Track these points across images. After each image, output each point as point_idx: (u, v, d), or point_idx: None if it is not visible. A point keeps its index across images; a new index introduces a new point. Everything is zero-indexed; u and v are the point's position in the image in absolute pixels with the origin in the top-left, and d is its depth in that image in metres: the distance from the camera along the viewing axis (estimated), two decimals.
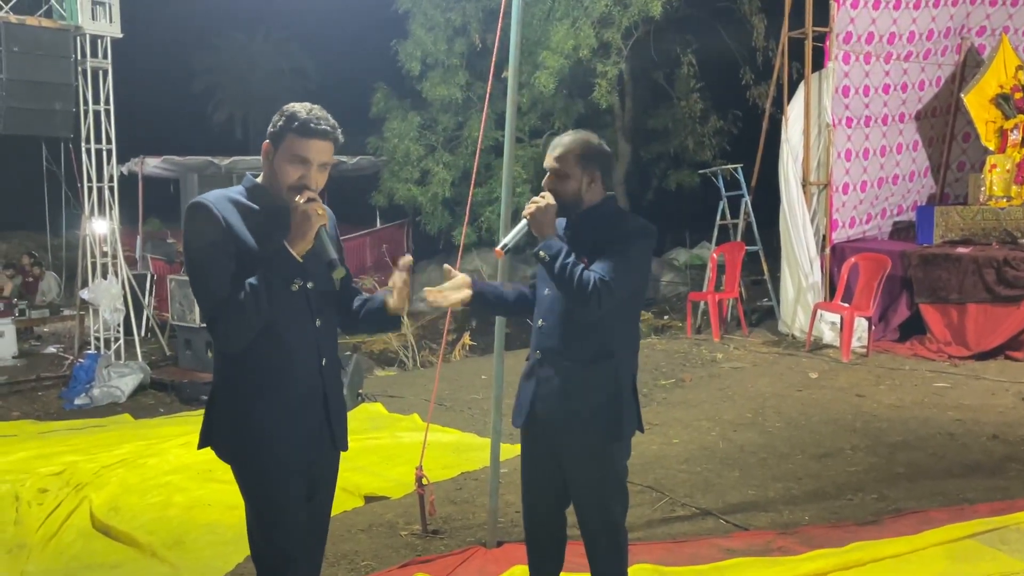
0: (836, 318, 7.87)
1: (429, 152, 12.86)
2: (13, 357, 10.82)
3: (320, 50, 24.98)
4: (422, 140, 12.86)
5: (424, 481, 3.82)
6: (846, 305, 7.70)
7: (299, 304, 2.23)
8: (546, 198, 2.57)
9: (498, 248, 2.55)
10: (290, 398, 2.24)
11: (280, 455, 2.22)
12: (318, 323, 2.29)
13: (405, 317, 10.39)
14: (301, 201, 2.17)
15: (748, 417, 5.84)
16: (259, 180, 2.30)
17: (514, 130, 3.57)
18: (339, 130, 2.25)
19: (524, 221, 2.55)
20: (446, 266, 2.47)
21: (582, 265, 2.48)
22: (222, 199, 2.21)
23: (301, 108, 2.22)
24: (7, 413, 8.08)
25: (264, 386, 2.21)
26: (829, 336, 7.99)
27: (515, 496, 4.01)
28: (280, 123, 2.22)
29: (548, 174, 2.66)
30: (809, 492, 4.37)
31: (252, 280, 2.12)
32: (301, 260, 2.17)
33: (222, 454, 2.28)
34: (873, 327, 7.70)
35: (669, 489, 4.43)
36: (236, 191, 2.27)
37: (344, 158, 13.90)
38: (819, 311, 7.95)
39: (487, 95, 3.88)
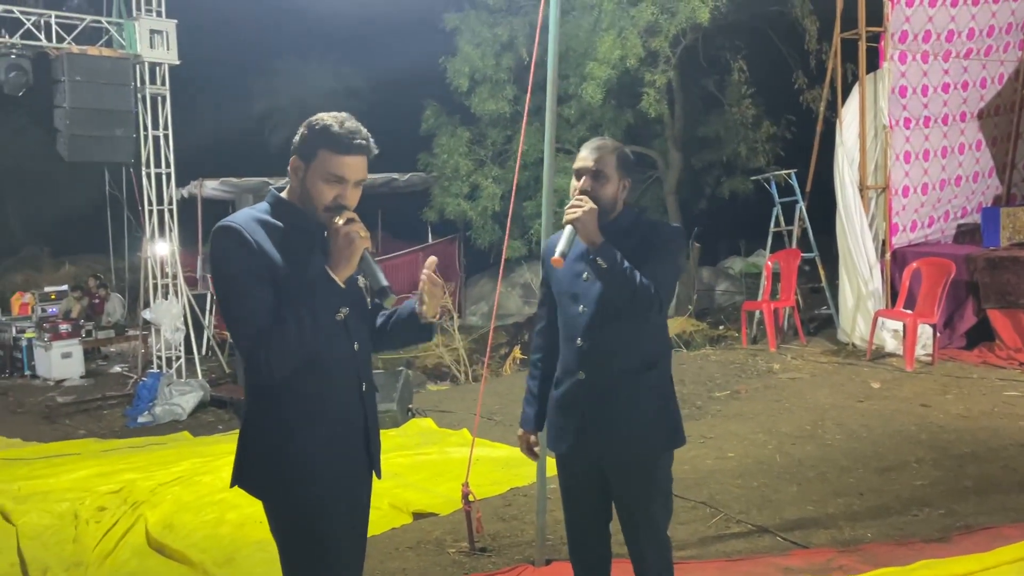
0: (898, 326, 7.61)
1: (478, 167, 12.92)
2: (81, 377, 11.18)
3: (372, 70, 25.37)
4: (471, 155, 12.92)
5: (471, 498, 3.78)
6: (909, 312, 7.44)
7: (338, 329, 2.10)
8: (587, 202, 2.49)
9: (556, 256, 2.44)
10: (331, 428, 2.12)
11: (323, 489, 2.10)
12: (356, 347, 2.18)
13: (456, 332, 10.45)
14: (341, 222, 2.03)
15: (806, 429, 5.66)
16: (285, 195, 2.15)
17: (553, 142, 3.54)
18: (372, 141, 2.10)
19: (570, 228, 2.46)
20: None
21: (638, 272, 2.43)
22: (250, 220, 2.05)
23: (332, 120, 2.07)
24: (74, 431, 8.32)
25: (304, 417, 2.08)
26: (891, 344, 7.72)
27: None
28: (311, 137, 2.07)
29: (583, 179, 2.56)
30: (872, 508, 4.21)
31: (295, 309, 1.98)
32: (344, 286, 2.04)
33: (257, 490, 2.14)
34: (938, 334, 7.42)
35: (723, 505, 4.31)
36: (261, 209, 2.12)
37: (396, 175, 14.06)
38: (880, 319, 7.70)
39: (526, 110, 3.86)
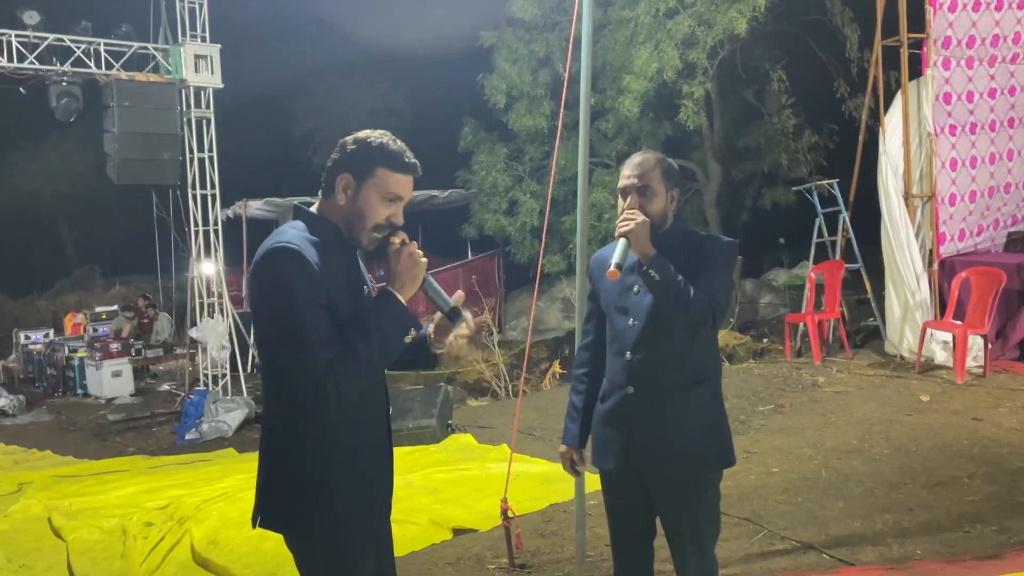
0: (948, 337, 7.42)
1: (517, 182, 12.97)
2: (131, 395, 11.43)
3: (411, 89, 25.76)
4: (509, 171, 12.98)
5: (510, 514, 3.77)
6: (958, 323, 7.26)
7: (381, 366, 2.03)
8: (639, 214, 2.45)
9: (612, 268, 2.39)
10: (368, 456, 2.06)
11: (365, 520, 2.05)
12: (385, 369, 2.12)
13: (496, 347, 10.46)
14: (398, 243, 2.01)
15: (853, 444, 5.55)
16: (318, 211, 2.07)
17: (587, 157, 3.54)
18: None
19: (623, 240, 2.43)
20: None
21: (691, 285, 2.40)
22: (304, 241, 1.94)
23: (387, 139, 2.04)
24: (123, 449, 8.50)
25: (345, 447, 2.00)
26: (941, 356, 7.53)
27: (604, 528, 3.91)
28: (366, 154, 2.01)
29: (630, 195, 2.52)
30: (921, 524, 4.10)
31: (363, 333, 1.91)
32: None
33: (295, 529, 2.03)
34: (990, 345, 7.22)
35: (768, 521, 4.24)
36: (301, 228, 2.01)
37: (435, 192, 14.18)
38: (929, 330, 7.52)
39: (559, 125, 3.87)
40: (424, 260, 2.02)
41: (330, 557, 2.02)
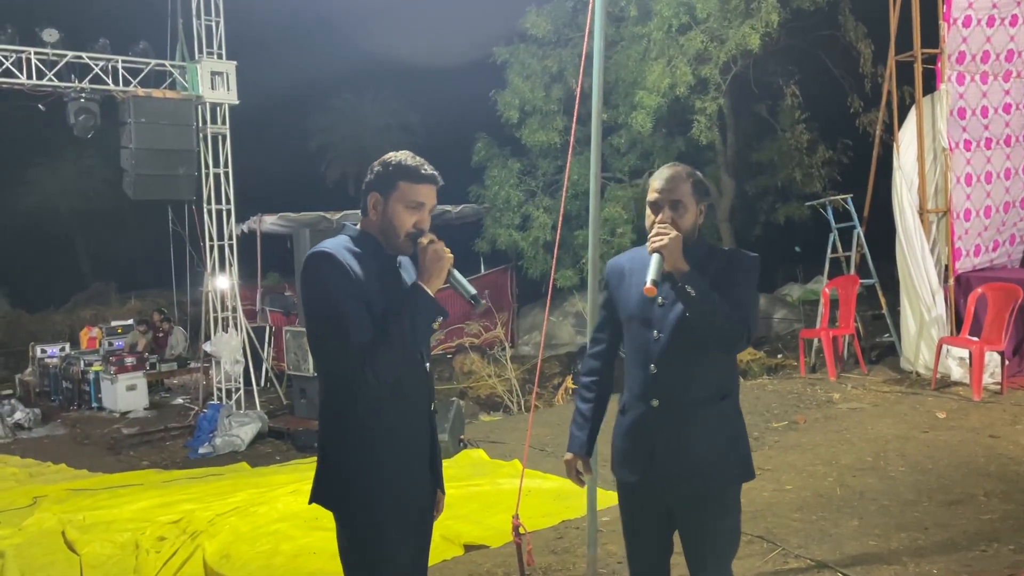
0: (964, 353, 7.36)
1: (529, 197, 12.99)
2: (144, 409, 11.46)
3: (424, 105, 25.93)
4: (522, 186, 13.01)
5: (521, 530, 3.75)
6: (975, 339, 7.20)
7: (416, 353, 2.27)
8: (671, 229, 2.43)
9: (648, 286, 2.37)
10: (407, 446, 2.27)
11: (400, 506, 2.25)
12: (427, 366, 2.36)
13: (508, 362, 10.46)
14: (426, 242, 2.25)
15: (868, 461, 5.50)
16: (360, 227, 2.34)
17: (599, 172, 3.55)
18: (438, 173, 2.35)
19: (657, 256, 2.40)
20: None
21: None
22: (340, 248, 2.22)
23: (405, 156, 2.31)
24: (137, 462, 8.53)
25: (384, 435, 2.22)
26: (957, 373, 7.47)
27: (616, 545, 3.90)
28: (388, 172, 2.28)
29: (661, 209, 2.49)
30: (937, 543, 4.06)
31: (397, 321, 2.15)
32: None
33: (333, 504, 2.26)
34: (1007, 362, 7.15)
35: (782, 539, 4.21)
36: (344, 241, 2.28)
37: (448, 207, 14.21)
38: (945, 346, 7.46)
39: (571, 140, 3.89)
40: (450, 256, 2.25)
41: (365, 531, 2.22)
